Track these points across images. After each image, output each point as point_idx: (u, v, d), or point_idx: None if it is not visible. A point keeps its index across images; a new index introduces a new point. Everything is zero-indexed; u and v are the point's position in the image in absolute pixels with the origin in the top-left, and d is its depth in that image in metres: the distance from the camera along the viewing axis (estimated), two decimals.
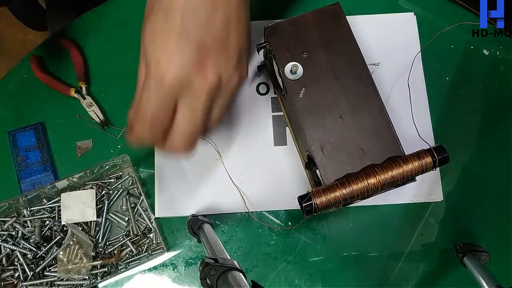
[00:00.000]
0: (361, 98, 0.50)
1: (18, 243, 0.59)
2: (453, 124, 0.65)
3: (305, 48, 0.52)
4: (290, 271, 0.60)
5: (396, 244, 0.61)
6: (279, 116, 0.65)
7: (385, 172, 0.46)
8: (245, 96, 0.66)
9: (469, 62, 0.67)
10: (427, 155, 0.46)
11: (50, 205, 0.60)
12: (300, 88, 0.51)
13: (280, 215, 0.62)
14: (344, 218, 0.62)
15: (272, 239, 0.61)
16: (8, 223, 0.60)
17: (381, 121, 0.49)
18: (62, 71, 0.67)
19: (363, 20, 0.68)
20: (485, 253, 0.56)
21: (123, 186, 0.62)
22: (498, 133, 0.65)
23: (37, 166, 0.63)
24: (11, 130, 0.65)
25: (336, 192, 0.45)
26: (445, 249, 0.61)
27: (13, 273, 0.58)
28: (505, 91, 0.66)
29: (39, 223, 0.59)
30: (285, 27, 0.53)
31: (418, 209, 0.62)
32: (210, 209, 0.61)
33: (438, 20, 0.68)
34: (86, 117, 0.64)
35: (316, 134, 0.49)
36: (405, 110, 0.60)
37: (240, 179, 0.62)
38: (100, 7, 0.70)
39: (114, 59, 0.68)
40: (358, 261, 0.60)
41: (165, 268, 0.60)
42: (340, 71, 0.51)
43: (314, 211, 0.45)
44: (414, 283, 0.60)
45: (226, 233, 0.61)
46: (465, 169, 0.63)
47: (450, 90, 0.66)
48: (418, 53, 0.65)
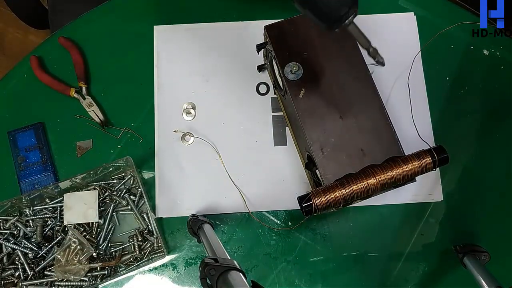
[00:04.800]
0: (361, 98, 0.50)
1: (20, 242, 0.59)
2: (453, 124, 0.65)
3: (305, 48, 0.52)
4: (290, 271, 0.60)
5: (396, 244, 0.61)
6: (279, 116, 0.65)
7: (385, 173, 0.46)
8: (245, 96, 0.66)
9: (469, 62, 0.67)
10: (427, 156, 0.46)
11: (52, 205, 0.60)
12: (300, 88, 0.51)
13: (280, 215, 0.62)
14: (344, 218, 0.62)
15: (272, 239, 0.61)
16: (10, 222, 0.60)
17: (381, 122, 0.49)
18: (62, 71, 0.67)
19: (363, 20, 0.67)
20: (485, 253, 0.56)
21: (126, 186, 0.62)
22: (498, 133, 0.65)
23: (37, 166, 0.63)
24: (11, 130, 0.65)
25: (336, 192, 0.45)
26: (445, 249, 0.61)
27: (13, 272, 0.58)
28: (505, 91, 0.66)
29: (41, 223, 0.59)
30: (285, 27, 0.53)
31: (418, 209, 0.62)
32: (210, 209, 0.61)
33: (438, 20, 0.68)
34: (86, 117, 0.64)
35: (316, 135, 0.49)
36: (405, 110, 0.60)
37: (240, 179, 0.62)
38: (100, 7, 0.70)
39: (114, 59, 0.68)
40: (358, 261, 0.60)
41: (165, 268, 0.60)
42: (340, 71, 0.51)
43: (314, 212, 0.45)
44: (414, 283, 0.60)
45: (226, 233, 0.62)
46: (465, 169, 0.63)
47: (450, 90, 0.66)
48: (418, 53, 0.65)
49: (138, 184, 0.60)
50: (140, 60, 0.67)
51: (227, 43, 0.67)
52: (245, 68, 0.66)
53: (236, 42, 0.67)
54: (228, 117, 0.65)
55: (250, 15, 0.68)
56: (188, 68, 0.67)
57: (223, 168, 0.62)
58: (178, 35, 0.68)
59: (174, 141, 0.64)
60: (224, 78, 0.66)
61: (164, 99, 0.66)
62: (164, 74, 0.66)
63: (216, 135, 0.64)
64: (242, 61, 0.67)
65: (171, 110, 0.65)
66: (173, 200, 0.62)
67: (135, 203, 0.61)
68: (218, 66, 0.67)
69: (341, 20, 0.37)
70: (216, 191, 0.62)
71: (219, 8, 0.69)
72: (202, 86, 0.66)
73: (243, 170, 0.63)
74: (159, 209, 0.62)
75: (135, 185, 0.62)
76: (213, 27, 0.68)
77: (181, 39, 0.68)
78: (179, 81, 0.66)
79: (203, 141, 0.63)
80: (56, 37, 0.68)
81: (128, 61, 0.67)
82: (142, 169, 0.63)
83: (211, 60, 0.67)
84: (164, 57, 0.67)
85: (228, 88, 0.66)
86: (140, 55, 0.67)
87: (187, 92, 0.66)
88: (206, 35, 0.68)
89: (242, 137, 0.64)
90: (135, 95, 0.66)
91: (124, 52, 0.68)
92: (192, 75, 0.66)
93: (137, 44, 0.68)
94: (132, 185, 0.62)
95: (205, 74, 0.66)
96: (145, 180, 0.63)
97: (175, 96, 0.66)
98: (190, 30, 0.68)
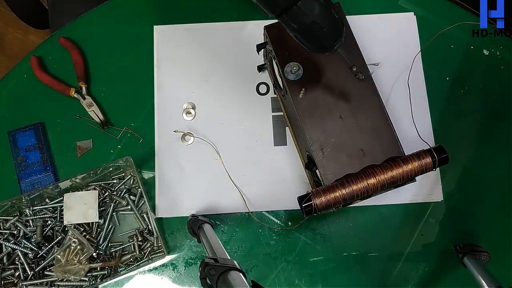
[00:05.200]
0: (361, 98, 0.50)
1: (20, 242, 0.59)
2: (453, 124, 0.65)
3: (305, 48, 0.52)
4: (290, 271, 0.60)
5: (396, 244, 0.61)
6: (279, 116, 0.65)
7: (385, 173, 0.46)
8: (245, 96, 0.66)
9: (469, 62, 0.67)
10: (427, 156, 0.46)
11: (52, 205, 0.60)
12: (300, 88, 0.51)
13: (280, 215, 0.62)
14: (344, 218, 0.62)
15: (272, 239, 0.61)
16: (10, 222, 0.60)
17: (381, 121, 0.49)
18: (62, 71, 0.67)
19: (363, 20, 0.67)
20: (485, 253, 0.56)
21: (126, 186, 0.62)
22: (498, 133, 0.65)
23: (37, 166, 0.63)
24: (11, 130, 0.65)
25: (336, 192, 0.45)
26: (445, 249, 0.61)
27: (13, 272, 0.58)
28: (505, 91, 0.66)
29: (41, 223, 0.59)
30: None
31: (418, 209, 0.62)
32: (210, 209, 0.61)
33: (438, 20, 0.68)
34: (86, 117, 0.64)
35: (316, 134, 0.49)
36: (405, 110, 0.60)
37: (240, 179, 0.62)
38: (100, 7, 0.70)
39: (114, 59, 0.68)
40: (358, 261, 0.60)
41: (165, 268, 0.60)
42: (340, 71, 0.51)
43: (314, 212, 0.45)
44: (414, 283, 0.60)
45: (226, 233, 0.62)
46: (465, 169, 0.63)
47: (450, 90, 0.66)
48: (418, 53, 0.65)
49: (138, 184, 0.60)
50: (140, 60, 0.67)
51: (227, 43, 0.67)
52: (245, 68, 0.66)
53: (236, 42, 0.67)
54: (228, 117, 0.65)
55: (250, 15, 0.68)
56: (188, 68, 0.67)
57: (223, 168, 0.62)
58: (178, 35, 0.68)
59: (174, 141, 0.64)
60: (224, 78, 0.66)
61: (164, 99, 0.66)
62: (164, 74, 0.66)
63: (216, 135, 0.64)
64: (242, 61, 0.67)
65: (171, 110, 0.65)
66: (173, 200, 0.62)
67: (135, 203, 0.61)
68: (218, 66, 0.67)
69: (330, 48, 0.42)
70: (216, 191, 0.62)
71: (219, 8, 0.69)
72: (202, 86, 0.66)
73: (243, 170, 0.63)
74: (159, 209, 0.62)
75: (135, 185, 0.62)
76: (213, 27, 0.68)
77: (181, 39, 0.68)
78: (179, 81, 0.66)
79: (203, 141, 0.63)
80: (56, 37, 0.68)
81: (128, 61, 0.67)
82: (142, 169, 0.63)
83: (211, 60, 0.67)
84: (164, 57, 0.67)
85: (228, 88, 0.66)
86: (140, 55, 0.67)
87: (187, 92, 0.66)
88: (206, 35, 0.68)
89: (242, 137, 0.64)
90: (135, 95, 0.66)
91: (124, 52, 0.68)
92: (192, 75, 0.66)
93: (137, 44, 0.68)
94: (132, 185, 0.62)
95: (205, 74, 0.66)
96: (145, 180, 0.63)
97: (175, 96, 0.66)
98: (190, 30, 0.68)
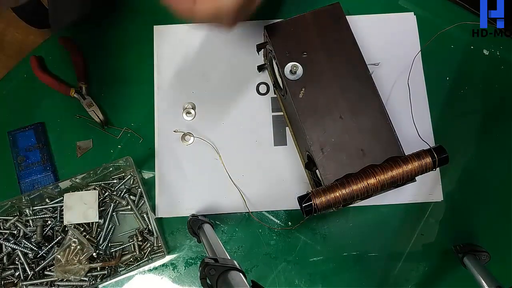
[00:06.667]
0: (361, 98, 0.50)
1: (20, 242, 0.59)
2: (453, 124, 0.65)
3: (305, 48, 0.52)
4: (290, 271, 0.60)
5: (396, 244, 0.61)
6: (279, 116, 0.65)
7: (385, 173, 0.46)
8: (245, 96, 0.66)
9: (469, 62, 0.67)
10: (427, 156, 0.46)
11: (52, 205, 0.60)
12: (300, 88, 0.51)
13: (280, 215, 0.62)
14: (344, 218, 0.62)
15: (272, 239, 0.61)
16: (10, 222, 0.60)
17: (381, 121, 0.49)
18: (62, 71, 0.67)
19: (363, 20, 0.67)
20: (485, 253, 0.56)
21: (126, 186, 0.62)
22: (498, 133, 0.65)
23: (37, 166, 0.63)
24: (11, 130, 0.65)
25: (336, 192, 0.45)
26: (445, 249, 0.61)
27: (13, 272, 0.58)
28: (505, 91, 0.66)
29: (41, 223, 0.59)
30: (285, 27, 0.53)
31: (418, 209, 0.62)
32: (210, 209, 0.61)
33: (438, 20, 0.68)
34: (86, 117, 0.64)
35: (316, 134, 0.49)
36: (405, 110, 0.60)
37: (240, 179, 0.62)
38: (100, 7, 0.70)
39: (114, 59, 0.68)
40: (358, 261, 0.60)
41: (165, 268, 0.60)
42: (340, 71, 0.51)
43: (314, 212, 0.45)
44: (414, 283, 0.60)
45: (226, 233, 0.62)
46: (465, 169, 0.63)
47: (450, 90, 0.66)
48: (418, 53, 0.65)
49: (138, 184, 0.60)
50: (140, 60, 0.67)
51: (227, 43, 0.68)
52: (245, 68, 0.66)
53: (236, 42, 0.67)
54: (228, 117, 0.65)
55: (250, 15, 0.68)
56: (188, 68, 0.67)
57: (223, 168, 0.62)
58: (178, 35, 0.68)
59: (174, 141, 0.64)
60: (224, 78, 0.66)
61: (164, 99, 0.66)
62: (164, 74, 0.66)
63: (216, 135, 0.64)
64: (242, 61, 0.67)
65: (171, 110, 0.65)
66: (173, 200, 0.62)
67: (135, 203, 0.61)
68: (218, 66, 0.67)
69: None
70: (216, 191, 0.62)
71: None
72: (202, 86, 0.66)
73: (243, 170, 0.63)
74: (159, 209, 0.62)
75: (135, 185, 0.62)
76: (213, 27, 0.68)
77: (181, 39, 0.68)
78: (179, 81, 0.66)
79: (203, 141, 0.63)
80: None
81: (128, 61, 0.67)
82: (142, 169, 0.63)
83: (211, 60, 0.67)
84: (164, 57, 0.67)
85: (228, 88, 0.66)
86: (140, 55, 0.67)
87: (187, 92, 0.66)
88: (206, 35, 0.68)
89: (242, 137, 0.64)
90: (135, 95, 0.66)
91: (124, 52, 0.68)
92: (192, 75, 0.66)
93: (137, 44, 0.68)
94: (132, 185, 0.62)
95: (205, 74, 0.66)
96: (145, 180, 0.63)
97: (175, 96, 0.66)
98: (190, 30, 0.68)
